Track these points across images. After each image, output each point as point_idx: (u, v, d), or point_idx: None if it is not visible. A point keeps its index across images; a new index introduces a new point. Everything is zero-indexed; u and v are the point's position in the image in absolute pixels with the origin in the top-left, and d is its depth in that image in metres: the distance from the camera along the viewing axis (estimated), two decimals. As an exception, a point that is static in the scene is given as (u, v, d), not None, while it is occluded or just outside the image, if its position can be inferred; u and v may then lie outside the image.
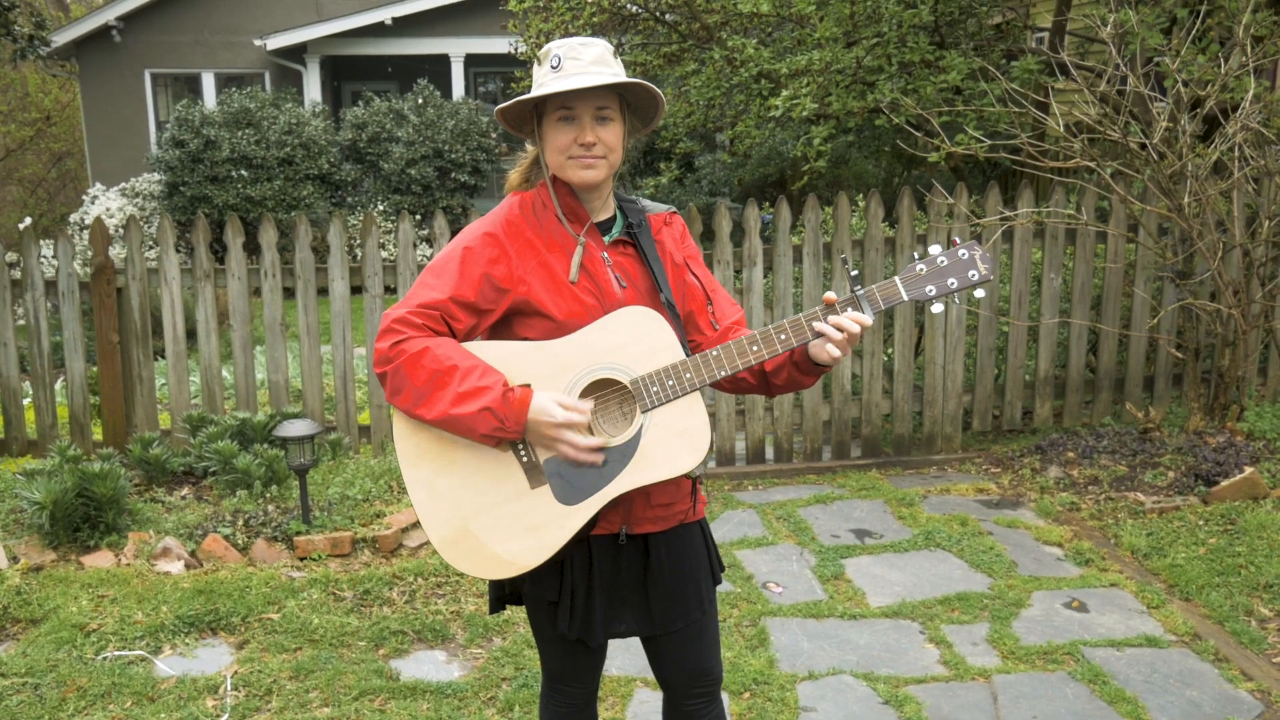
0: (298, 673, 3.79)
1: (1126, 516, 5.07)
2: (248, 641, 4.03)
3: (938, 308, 2.29)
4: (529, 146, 2.39)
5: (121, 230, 13.67)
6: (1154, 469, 5.40)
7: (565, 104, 2.21)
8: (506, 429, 2.13)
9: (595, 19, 9.88)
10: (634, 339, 2.21)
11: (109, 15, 16.25)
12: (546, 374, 2.22)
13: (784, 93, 7.47)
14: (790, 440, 6.10)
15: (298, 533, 4.66)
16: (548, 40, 10.08)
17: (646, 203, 2.45)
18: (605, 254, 2.31)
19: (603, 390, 2.25)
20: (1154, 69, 6.24)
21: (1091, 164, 5.32)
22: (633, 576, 2.38)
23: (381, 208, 14.88)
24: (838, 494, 5.60)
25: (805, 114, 7.31)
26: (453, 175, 15.09)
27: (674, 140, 10.78)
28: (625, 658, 3.88)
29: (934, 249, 2.28)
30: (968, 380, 6.30)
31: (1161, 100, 5.82)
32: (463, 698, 3.66)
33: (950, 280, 2.26)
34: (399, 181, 14.97)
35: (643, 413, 2.20)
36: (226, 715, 3.55)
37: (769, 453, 6.18)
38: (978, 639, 4.05)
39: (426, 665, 3.91)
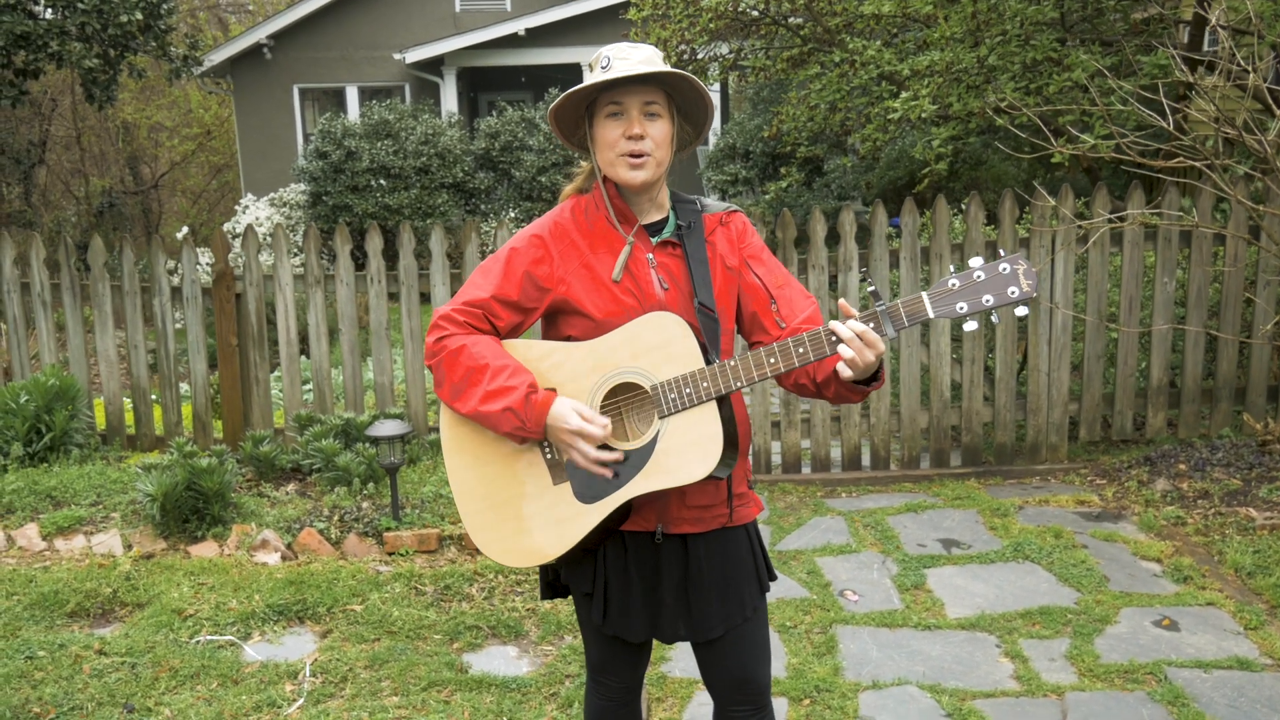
0: (373, 662, 3.94)
1: (1234, 533, 4.83)
2: (331, 631, 4.21)
3: (970, 325, 2.18)
4: (583, 164, 2.46)
5: (269, 238, 14.36)
6: (1270, 483, 5.12)
7: (614, 99, 2.27)
8: (527, 429, 2.23)
9: (713, 25, 9.91)
10: (657, 345, 2.24)
11: (260, 34, 17.10)
12: (574, 375, 2.29)
13: (903, 94, 7.37)
14: (887, 447, 6.01)
15: (387, 529, 4.85)
16: (665, 47, 10.19)
17: (707, 201, 2.45)
18: (651, 255, 2.35)
19: (629, 394, 2.30)
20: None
21: (1199, 164, 5.07)
22: (674, 578, 2.40)
23: (513, 214, 15.23)
24: (931, 503, 5.49)
25: (924, 115, 7.19)
26: (582, 182, 15.33)
27: (795, 144, 10.72)
28: (688, 660, 3.90)
29: (974, 261, 2.17)
30: (1074, 388, 6.09)
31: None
32: (526, 692, 3.75)
33: (986, 297, 2.13)
34: (530, 189, 15.30)
35: (660, 419, 2.24)
36: (302, 700, 3.72)
37: (865, 459, 6.11)
38: (1056, 655, 3.93)
39: (497, 660, 4.02)
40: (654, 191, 2.36)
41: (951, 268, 2.17)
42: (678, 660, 3.92)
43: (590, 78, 2.30)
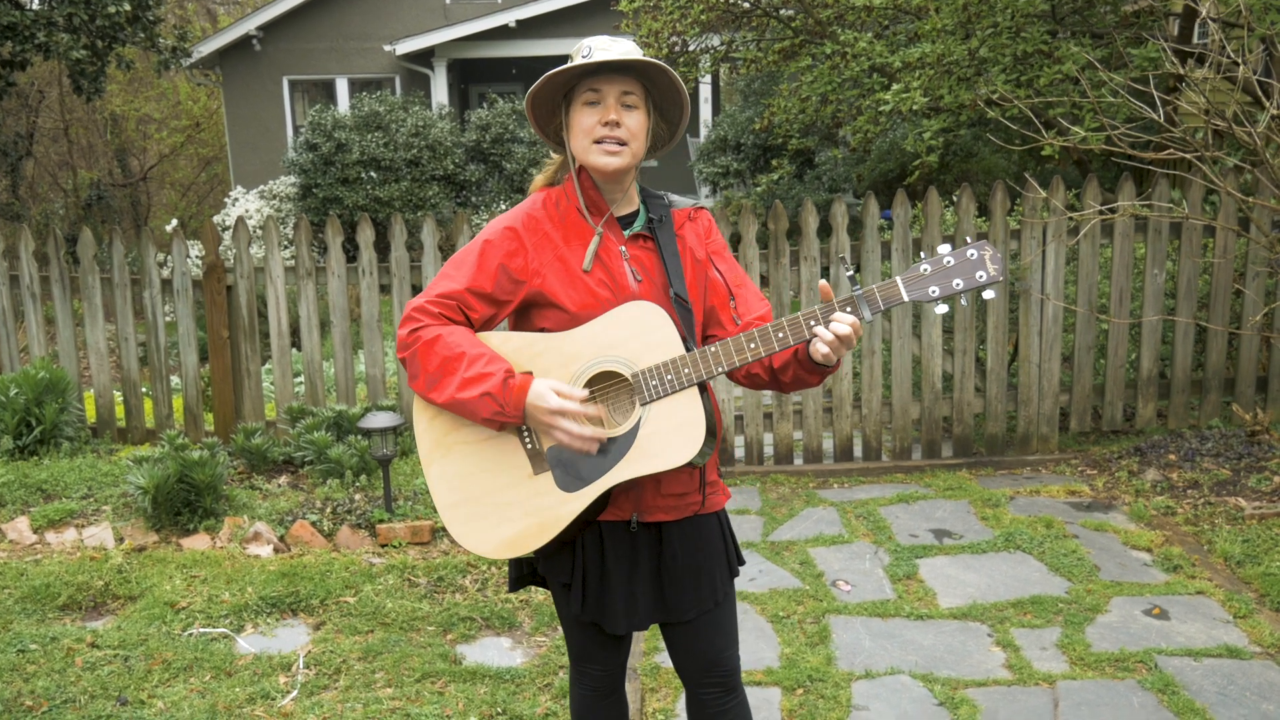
0: (366, 654, 3.95)
1: (1224, 522, 4.85)
2: (324, 623, 4.21)
3: (941, 308, 2.26)
4: (553, 155, 2.47)
5: (260, 231, 14.30)
6: (1259, 473, 5.15)
7: (593, 86, 2.28)
8: (506, 413, 2.23)
9: (704, 16, 9.90)
10: (637, 333, 2.26)
11: (250, 25, 17.03)
12: (553, 364, 2.29)
13: (895, 86, 7.38)
14: (879, 438, 6.03)
15: (380, 520, 4.85)
16: (656, 38, 10.17)
17: (674, 197, 2.49)
18: (623, 248, 2.36)
19: (608, 382, 2.31)
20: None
21: (1189, 156, 5.09)
22: (649, 565, 2.42)
23: (504, 207, 15.21)
24: (922, 493, 5.51)
25: (915, 107, 7.19)
26: (573, 174, 15.30)
27: (786, 136, 10.72)
28: (682, 650, 3.91)
29: (943, 249, 2.25)
30: (1065, 379, 6.11)
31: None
32: (519, 683, 3.76)
33: (956, 281, 2.23)
34: (521, 181, 15.27)
35: (641, 405, 2.25)
36: (296, 692, 3.72)
37: (857, 450, 6.12)
38: (1047, 644, 3.95)
39: (491, 651, 4.02)
40: (626, 183, 2.37)
41: (923, 254, 2.22)
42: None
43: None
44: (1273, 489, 5.00)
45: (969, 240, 2.28)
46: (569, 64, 2.28)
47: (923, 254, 2.30)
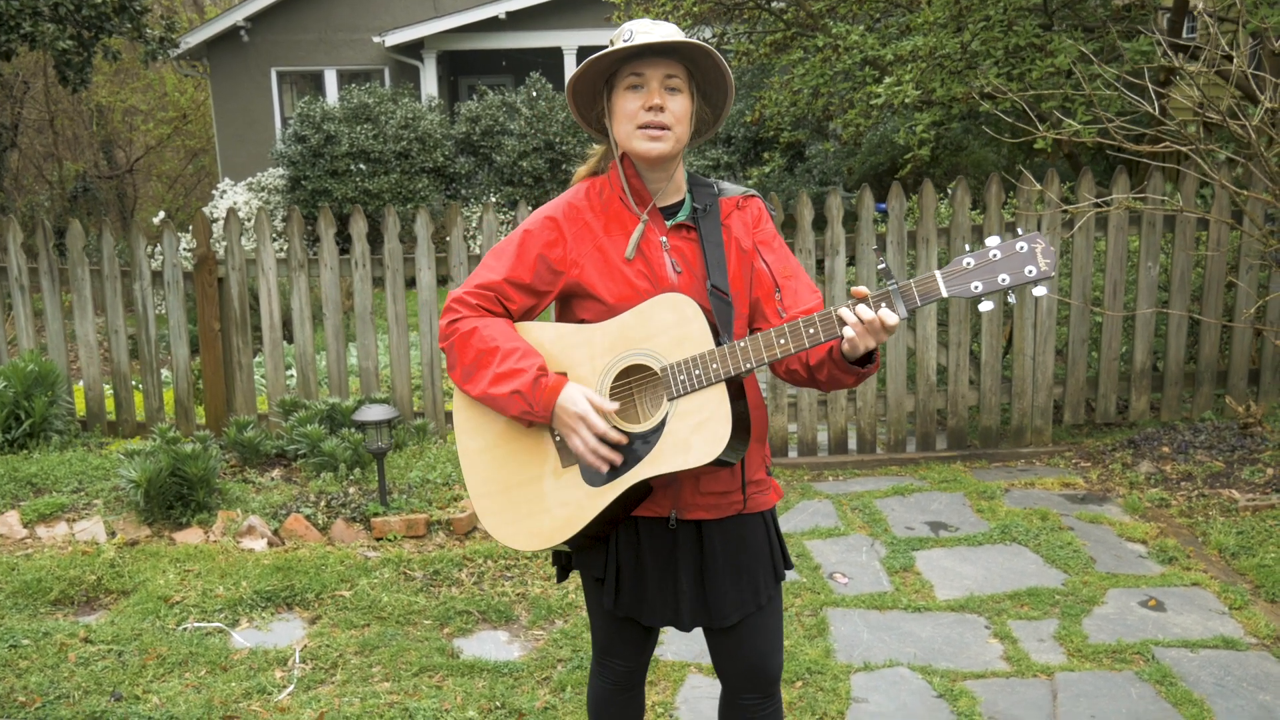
0: (363, 648, 3.93)
1: (1218, 514, 4.87)
2: (319, 617, 4.19)
3: (986, 305, 2.10)
4: (596, 146, 2.43)
5: (249, 223, 14.23)
6: (1252, 465, 5.17)
7: (635, 70, 2.23)
8: (534, 412, 2.21)
9: (696, 8, 9.86)
10: (668, 326, 2.21)
11: (237, 16, 16.91)
12: (585, 357, 2.26)
13: (887, 79, 7.36)
14: (874, 431, 6.03)
15: (375, 514, 4.82)
16: (648, 31, 10.13)
17: (725, 185, 2.41)
18: (664, 238, 2.31)
19: (639, 375, 2.28)
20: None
21: (1184, 149, 5.09)
22: (689, 564, 2.37)
23: (494, 199, 15.15)
24: (917, 486, 5.51)
25: (908, 101, 7.18)
26: (564, 167, 15.26)
27: (778, 129, 10.71)
28: (680, 644, 3.90)
29: (991, 240, 2.08)
30: (1059, 372, 6.12)
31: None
32: (518, 677, 3.74)
33: (1002, 276, 2.05)
34: (511, 173, 15.22)
35: (669, 400, 2.20)
36: (292, 686, 3.70)
37: (852, 443, 6.12)
38: (1044, 635, 3.96)
39: (488, 644, 4.01)
40: (671, 170, 2.32)
41: (967, 247, 2.08)
42: (670, 644, 3.92)
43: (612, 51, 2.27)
44: (1266, 481, 5.01)
45: (1019, 232, 2.17)
46: (611, 48, 2.22)
47: (966, 246, 2.20)
